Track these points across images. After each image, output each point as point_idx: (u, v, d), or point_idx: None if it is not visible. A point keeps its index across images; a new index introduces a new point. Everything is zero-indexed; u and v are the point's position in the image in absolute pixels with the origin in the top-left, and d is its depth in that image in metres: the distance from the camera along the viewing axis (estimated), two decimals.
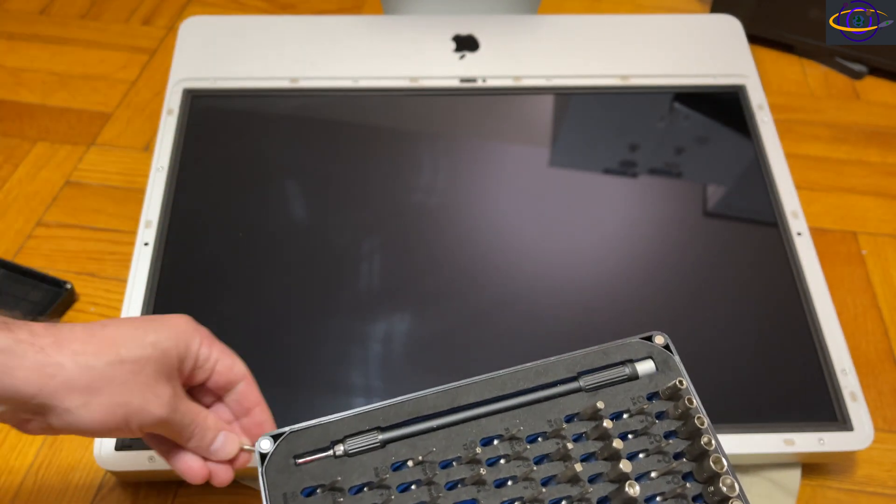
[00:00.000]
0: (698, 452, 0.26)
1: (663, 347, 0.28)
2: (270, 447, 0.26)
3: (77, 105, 0.61)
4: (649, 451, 0.26)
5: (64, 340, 0.25)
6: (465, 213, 0.48)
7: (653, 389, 0.27)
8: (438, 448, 0.26)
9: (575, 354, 0.28)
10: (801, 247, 0.46)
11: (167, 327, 0.28)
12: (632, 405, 0.27)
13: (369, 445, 0.26)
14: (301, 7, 0.72)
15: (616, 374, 0.27)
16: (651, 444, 0.26)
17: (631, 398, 0.27)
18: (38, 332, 0.25)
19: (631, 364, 0.27)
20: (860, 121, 0.62)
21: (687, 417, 0.26)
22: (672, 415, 0.27)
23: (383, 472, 0.26)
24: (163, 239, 0.45)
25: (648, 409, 0.27)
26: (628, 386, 0.27)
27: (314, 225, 0.47)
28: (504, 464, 0.26)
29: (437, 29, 0.57)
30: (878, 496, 0.41)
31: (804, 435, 0.39)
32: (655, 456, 0.26)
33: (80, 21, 0.68)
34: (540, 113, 0.54)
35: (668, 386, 0.27)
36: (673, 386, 0.27)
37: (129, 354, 0.26)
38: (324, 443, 0.26)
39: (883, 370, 0.46)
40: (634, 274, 0.46)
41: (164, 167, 0.49)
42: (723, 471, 0.25)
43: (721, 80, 0.55)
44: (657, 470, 0.25)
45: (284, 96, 0.53)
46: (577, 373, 0.28)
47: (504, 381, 0.27)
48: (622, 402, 0.27)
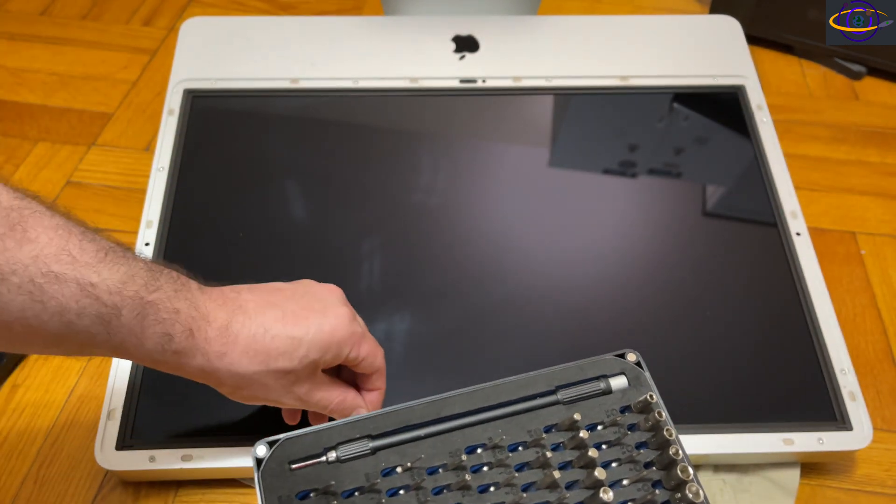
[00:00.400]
0: (667, 462, 0.28)
1: (635, 364, 0.30)
2: (266, 453, 0.28)
3: (78, 105, 0.61)
4: (622, 461, 0.28)
5: (230, 350, 0.30)
6: (464, 214, 0.48)
7: (625, 403, 0.29)
8: (426, 455, 0.28)
9: (554, 370, 0.30)
10: (800, 247, 0.46)
11: (322, 338, 0.31)
12: (606, 417, 0.29)
13: (360, 452, 0.28)
14: (301, 8, 0.72)
15: (591, 388, 0.29)
16: (624, 453, 0.28)
17: (605, 411, 0.29)
18: (213, 339, 0.30)
19: (605, 379, 0.30)
20: (859, 121, 0.62)
21: (657, 429, 0.28)
22: (643, 427, 0.29)
23: (374, 478, 0.27)
24: (163, 239, 0.46)
25: (621, 421, 0.29)
26: (603, 400, 0.29)
27: (315, 225, 0.47)
28: (487, 470, 0.28)
29: (437, 30, 0.57)
30: (877, 496, 0.41)
31: (803, 434, 0.39)
32: (628, 465, 0.28)
33: (81, 22, 0.68)
34: (540, 113, 0.54)
35: (639, 400, 0.29)
36: (644, 400, 0.29)
37: (277, 366, 0.31)
38: (317, 449, 0.28)
39: (882, 370, 0.46)
40: (633, 273, 0.46)
41: (164, 167, 0.49)
42: (689, 479, 0.27)
43: (720, 81, 0.55)
44: (629, 478, 0.27)
45: (285, 97, 0.53)
46: (556, 387, 0.30)
47: (487, 393, 0.29)
48: (597, 415, 0.29)
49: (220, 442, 0.38)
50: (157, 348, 0.29)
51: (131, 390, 0.40)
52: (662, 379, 0.41)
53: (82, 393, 0.44)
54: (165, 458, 0.38)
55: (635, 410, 0.29)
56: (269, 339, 0.31)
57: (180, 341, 0.29)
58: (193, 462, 0.38)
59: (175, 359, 0.29)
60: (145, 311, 0.28)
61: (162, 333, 0.29)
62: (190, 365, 0.30)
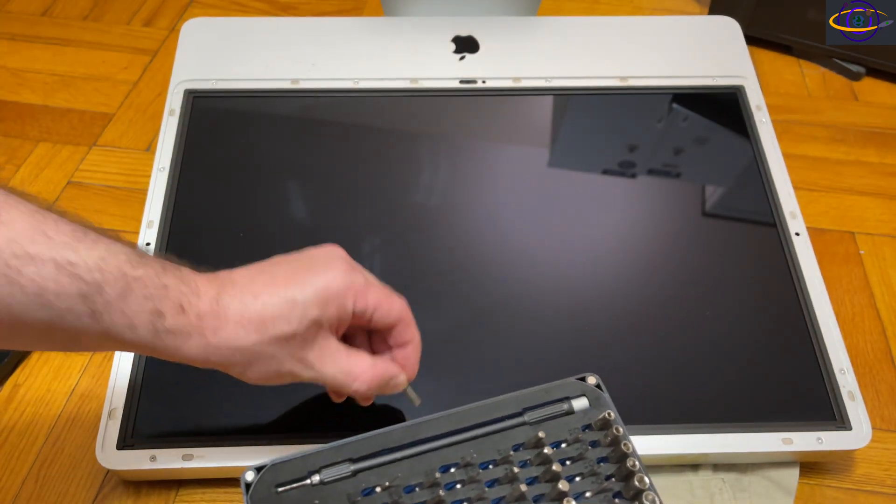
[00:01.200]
0: (625, 473, 0.30)
1: (595, 386, 0.33)
2: (254, 478, 0.30)
3: (79, 106, 0.61)
4: (584, 474, 0.31)
5: (222, 323, 0.29)
6: (464, 214, 0.49)
7: (587, 422, 0.32)
8: (403, 475, 0.30)
9: (521, 393, 0.32)
10: (799, 247, 0.46)
11: (318, 294, 0.30)
12: (569, 435, 0.31)
13: (342, 475, 0.30)
14: (302, 9, 0.72)
15: (556, 409, 0.32)
16: (586, 468, 0.31)
17: (568, 430, 0.31)
18: (205, 313, 0.29)
19: (568, 401, 0.32)
20: (858, 122, 0.62)
21: (615, 444, 0.31)
22: (603, 443, 0.31)
23: (355, 497, 0.29)
24: (164, 239, 0.46)
25: (583, 438, 0.31)
26: (566, 419, 0.32)
27: (315, 225, 0.47)
28: (460, 488, 0.30)
29: (437, 30, 0.57)
30: (876, 495, 0.41)
31: (802, 434, 0.39)
32: (590, 478, 0.30)
33: (82, 22, 0.68)
34: (539, 114, 0.54)
35: (598, 418, 0.32)
36: (603, 418, 0.32)
37: (277, 332, 0.29)
38: (301, 473, 0.30)
39: (881, 370, 0.46)
40: (632, 273, 0.46)
41: (165, 167, 0.49)
42: (645, 487, 0.29)
43: (719, 81, 0.55)
44: (591, 490, 0.30)
45: (285, 97, 0.54)
46: (523, 409, 0.32)
47: (460, 416, 0.32)
48: (561, 433, 0.31)
49: (220, 441, 0.38)
50: (148, 329, 0.27)
51: (132, 389, 0.40)
52: (662, 379, 0.41)
53: (83, 392, 0.44)
54: (166, 457, 0.38)
55: (595, 428, 0.32)
56: (260, 305, 0.29)
57: (172, 319, 0.28)
58: (194, 461, 0.38)
59: (171, 341, 0.28)
60: (130, 287, 0.27)
61: (151, 311, 0.27)
62: (188, 347, 0.28)
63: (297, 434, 0.39)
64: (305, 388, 0.41)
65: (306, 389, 0.41)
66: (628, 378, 0.41)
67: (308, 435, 0.39)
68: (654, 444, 0.39)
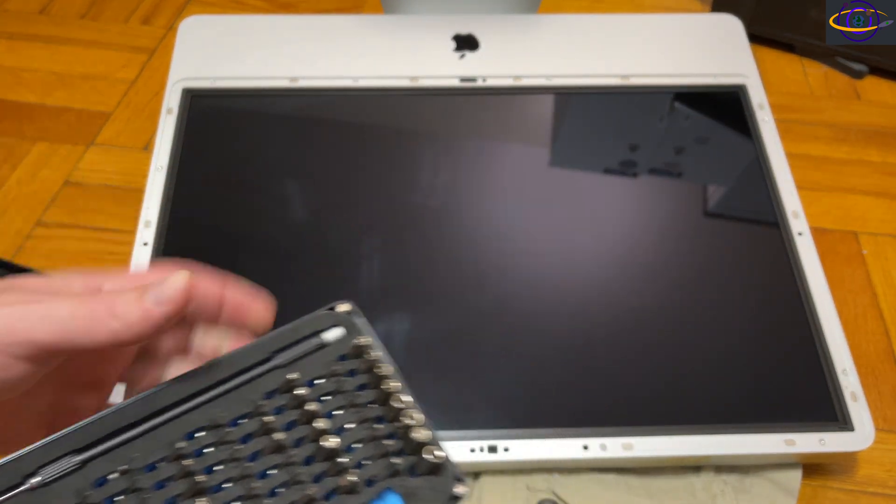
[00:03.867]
0: (385, 396, 0.28)
1: (347, 314, 0.30)
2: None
3: (76, 104, 0.61)
4: (345, 406, 0.28)
5: None
6: (464, 212, 0.48)
7: (342, 352, 0.29)
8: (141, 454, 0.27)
9: (268, 336, 0.30)
10: (801, 247, 0.46)
11: None
12: (324, 370, 0.29)
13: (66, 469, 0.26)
14: (301, 6, 0.72)
15: (307, 346, 0.29)
16: (346, 399, 0.28)
17: (323, 364, 0.29)
18: None
19: (320, 334, 0.30)
20: (861, 121, 0.62)
21: (372, 368, 0.29)
22: (362, 369, 0.29)
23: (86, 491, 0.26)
24: (162, 239, 0.45)
25: (339, 370, 0.29)
26: (321, 354, 0.29)
27: (314, 224, 0.47)
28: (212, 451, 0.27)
29: (437, 28, 0.57)
30: (878, 496, 0.41)
31: (805, 435, 0.39)
32: (351, 409, 0.28)
33: (80, 21, 0.68)
34: (540, 112, 0.54)
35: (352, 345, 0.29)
36: (355, 345, 0.29)
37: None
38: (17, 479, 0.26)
39: (883, 370, 0.46)
40: (635, 273, 0.46)
41: (163, 167, 0.49)
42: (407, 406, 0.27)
43: (721, 80, 0.55)
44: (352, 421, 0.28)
45: (284, 95, 0.53)
46: (271, 352, 0.29)
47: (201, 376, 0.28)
48: (316, 370, 0.29)
49: None
50: None
51: None
52: (664, 380, 0.41)
53: None
54: None
55: (351, 356, 0.29)
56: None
57: None
58: None
59: None
60: None
61: None
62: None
63: None
64: None
65: None
66: (630, 379, 0.41)
67: None
68: (656, 445, 0.39)
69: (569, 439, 0.39)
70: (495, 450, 0.38)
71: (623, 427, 0.39)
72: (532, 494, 0.39)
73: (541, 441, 0.39)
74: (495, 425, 0.39)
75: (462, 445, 0.38)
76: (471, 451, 0.38)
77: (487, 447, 0.38)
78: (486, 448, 0.38)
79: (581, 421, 0.39)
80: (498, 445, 0.38)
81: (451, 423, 0.39)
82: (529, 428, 0.39)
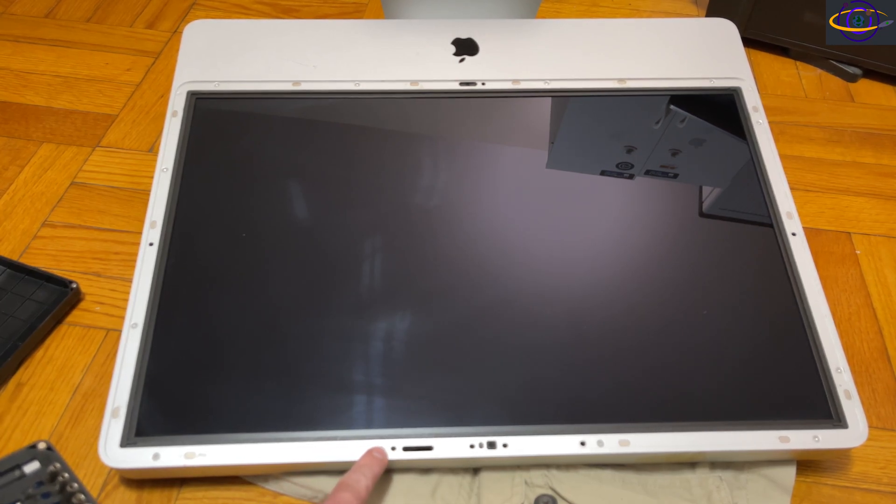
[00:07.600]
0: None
1: (46, 449, 0.38)
2: None
3: (82, 107, 0.61)
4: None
5: None
6: (464, 214, 0.49)
7: (40, 479, 0.38)
8: None
9: None
10: (795, 247, 0.47)
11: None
12: (21, 494, 0.37)
13: None
14: (303, 11, 0.72)
15: (8, 478, 0.37)
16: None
17: (21, 490, 0.37)
18: None
19: (20, 468, 0.38)
20: (854, 123, 0.62)
21: (63, 489, 0.37)
22: (55, 491, 0.37)
23: None
24: (167, 239, 0.46)
25: (34, 493, 0.37)
26: (21, 483, 0.37)
27: (317, 226, 0.48)
28: None
29: (438, 33, 0.58)
30: (872, 493, 0.41)
31: (799, 432, 0.40)
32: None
33: (85, 24, 0.69)
34: (538, 115, 0.55)
35: (48, 472, 0.38)
36: (50, 471, 0.37)
37: None
38: None
39: (877, 368, 0.46)
40: (631, 273, 0.46)
41: (168, 168, 0.49)
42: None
43: (717, 83, 0.56)
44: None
45: (287, 99, 0.54)
46: None
47: None
48: (15, 495, 0.37)
49: (223, 440, 0.39)
50: None
51: (135, 388, 0.40)
52: (660, 378, 0.42)
53: (86, 391, 0.44)
54: (169, 455, 0.38)
55: (47, 482, 0.37)
56: None
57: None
58: (197, 459, 0.38)
59: None
60: None
61: None
62: None
63: (300, 430, 0.39)
64: (308, 384, 0.41)
65: (309, 386, 0.41)
66: (625, 377, 0.42)
67: (311, 431, 0.39)
68: (651, 442, 0.39)
69: (566, 436, 0.39)
70: (494, 446, 0.39)
71: (620, 424, 0.40)
72: (530, 490, 0.40)
73: (539, 437, 0.39)
74: (494, 422, 0.40)
75: (461, 441, 0.39)
76: (470, 447, 0.39)
77: (486, 443, 0.39)
78: (484, 444, 0.39)
79: (578, 418, 0.40)
80: (497, 441, 0.39)
81: (450, 419, 0.40)
82: (528, 424, 0.40)
